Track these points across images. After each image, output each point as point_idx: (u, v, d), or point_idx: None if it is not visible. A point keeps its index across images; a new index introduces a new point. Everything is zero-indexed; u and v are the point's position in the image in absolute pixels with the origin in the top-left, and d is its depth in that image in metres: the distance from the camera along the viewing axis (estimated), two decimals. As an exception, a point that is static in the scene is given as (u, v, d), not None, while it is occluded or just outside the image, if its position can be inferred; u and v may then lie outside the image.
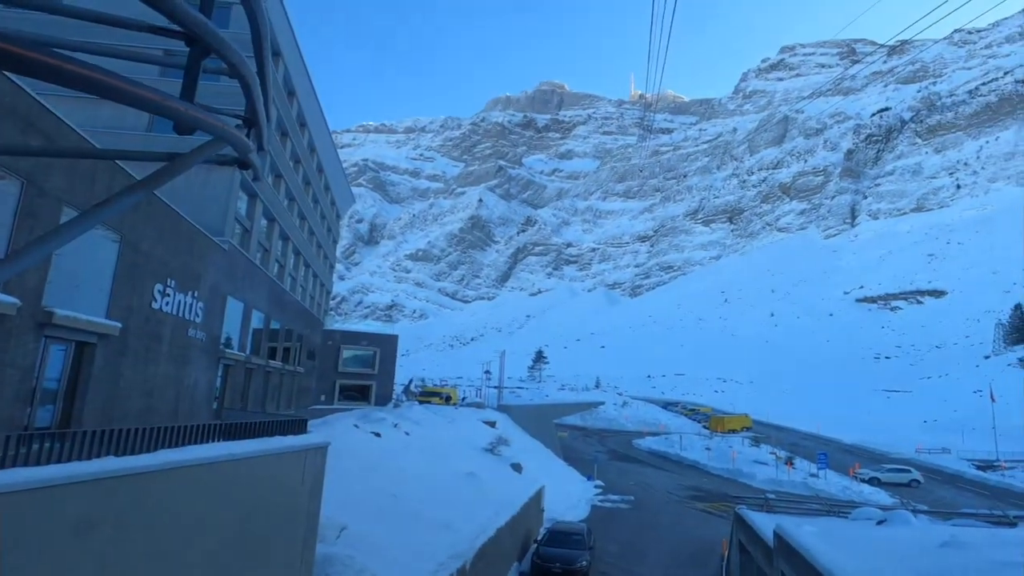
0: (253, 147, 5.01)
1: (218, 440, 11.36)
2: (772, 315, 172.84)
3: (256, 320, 30.89)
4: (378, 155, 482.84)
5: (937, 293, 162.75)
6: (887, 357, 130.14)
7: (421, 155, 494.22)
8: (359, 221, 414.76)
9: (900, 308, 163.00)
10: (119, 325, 15.78)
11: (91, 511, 7.50)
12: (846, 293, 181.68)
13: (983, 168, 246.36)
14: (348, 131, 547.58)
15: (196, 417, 20.99)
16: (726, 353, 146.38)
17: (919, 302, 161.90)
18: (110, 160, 14.34)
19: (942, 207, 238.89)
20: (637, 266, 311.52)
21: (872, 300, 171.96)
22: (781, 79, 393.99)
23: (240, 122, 5.06)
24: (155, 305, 17.95)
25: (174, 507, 9.11)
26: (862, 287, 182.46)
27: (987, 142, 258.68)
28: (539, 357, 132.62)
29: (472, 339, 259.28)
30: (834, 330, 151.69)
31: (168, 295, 18.66)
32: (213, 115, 3.99)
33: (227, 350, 25.41)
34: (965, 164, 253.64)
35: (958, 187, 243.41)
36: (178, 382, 20.01)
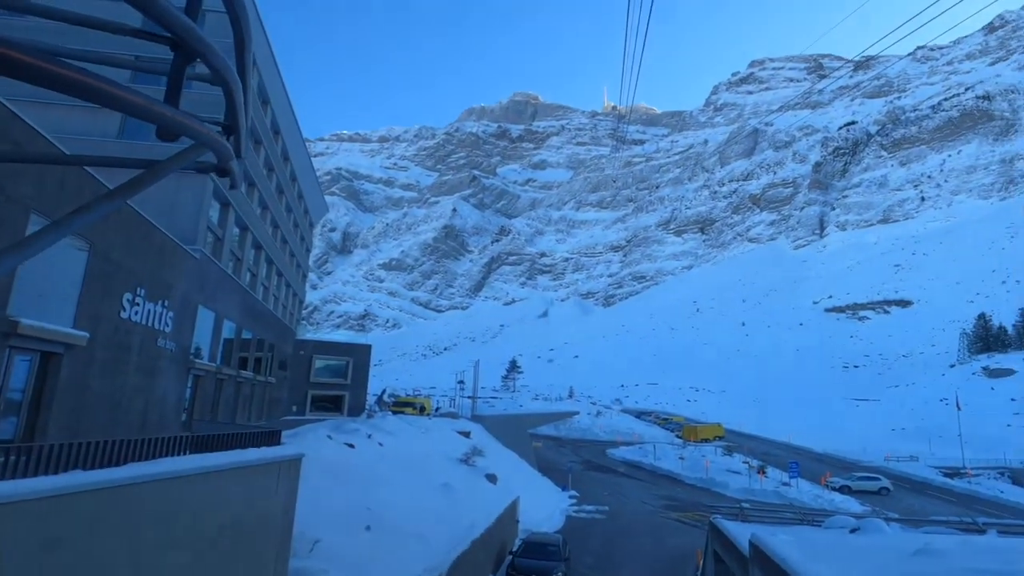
0: (234, 154, 4.99)
1: (189, 453, 11.15)
2: (743, 324, 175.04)
3: (227, 330, 30.42)
4: (352, 164, 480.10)
5: (903, 303, 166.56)
6: (855, 366, 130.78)
7: (395, 164, 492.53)
8: (332, 230, 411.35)
9: (868, 318, 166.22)
10: (86, 335, 15.42)
11: (59, 526, 7.30)
12: (815, 303, 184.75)
13: (946, 181, 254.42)
14: (322, 139, 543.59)
15: (165, 429, 20.56)
16: (698, 362, 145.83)
17: (886, 311, 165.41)
18: (80, 166, 14.06)
19: (907, 219, 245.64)
20: (610, 276, 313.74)
21: (841, 310, 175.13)
22: (751, 92, 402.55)
23: (220, 129, 5.03)
24: (124, 315, 17.60)
25: (144, 521, 8.90)
26: (831, 297, 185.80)
27: (950, 155, 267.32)
28: (513, 367, 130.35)
29: (445, 348, 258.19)
30: (804, 339, 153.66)
31: (138, 304, 18.31)
32: (197, 121, 3.98)
33: (197, 360, 24.96)
34: (929, 177, 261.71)
35: (923, 199, 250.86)
36: (147, 393, 19.60)
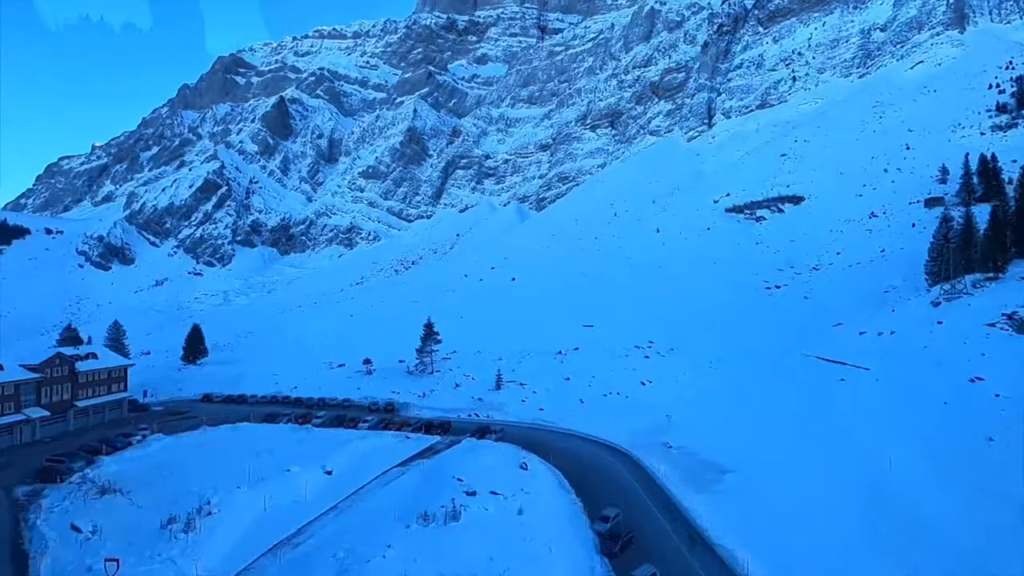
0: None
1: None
2: (658, 231, 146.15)
3: None
4: (332, 63, 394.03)
5: (795, 199, 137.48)
6: (777, 287, 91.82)
7: (367, 63, 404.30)
8: (319, 136, 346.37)
9: (764, 218, 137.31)
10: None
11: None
12: (716, 202, 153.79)
13: (814, 58, 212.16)
14: (307, 37, 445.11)
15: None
16: (628, 286, 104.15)
17: (780, 210, 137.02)
18: None
19: (782, 102, 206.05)
20: (541, 177, 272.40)
21: (740, 210, 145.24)
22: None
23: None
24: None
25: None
26: (728, 195, 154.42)
27: (816, 29, 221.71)
28: (429, 333, 66.56)
29: (413, 263, 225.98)
30: (715, 248, 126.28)
31: None
32: None
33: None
34: (799, 54, 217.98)
35: (794, 79, 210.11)
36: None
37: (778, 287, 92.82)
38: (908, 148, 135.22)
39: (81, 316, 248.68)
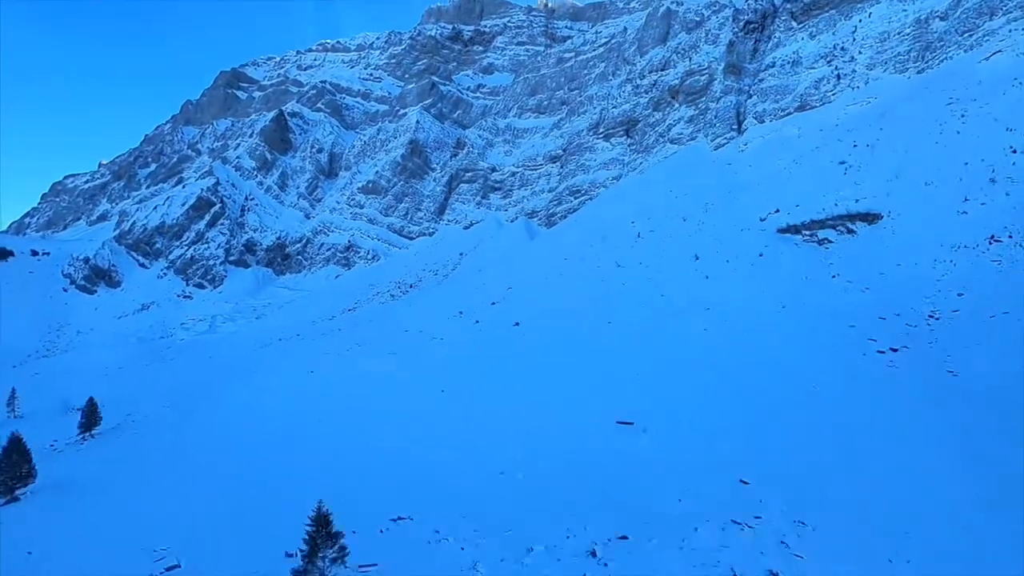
0: None
1: None
2: (697, 258, 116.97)
3: None
4: (335, 76, 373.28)
5: (869, 217, 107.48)
6: (894, 349, 57.40)
7: (371, 75, 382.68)
8: (319, 151, 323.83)
9: (830, 241, 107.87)
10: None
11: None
12: (762, 220, 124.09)
13: (860, 53, 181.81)
14: (311, 51, 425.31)
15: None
16: (671, 341, 69.64)
17: (850, 231, 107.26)
18: None
19: (825, 103, 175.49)
20: (550, 191, 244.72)
21: (796, 230, 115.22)
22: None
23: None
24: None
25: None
26: (777, 211, 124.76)
27: (860, 21, 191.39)
28: (321, 536, 42.56)
29: (411, 286, 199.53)
30: (777, 282, 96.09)
31: None
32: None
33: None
34: (842, 49, 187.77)
35: (838, 78, 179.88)
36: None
37: (894, 350, 62.03)
38: (1014, 151, 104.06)
39: (59, 344, 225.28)
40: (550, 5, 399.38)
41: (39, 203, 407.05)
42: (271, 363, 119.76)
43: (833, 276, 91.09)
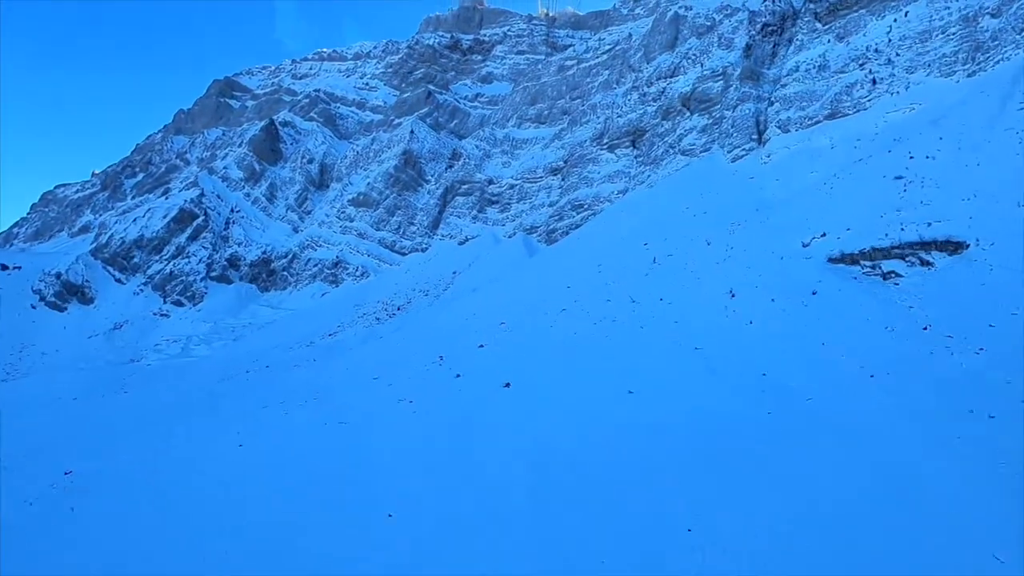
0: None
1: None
2: (732, 295, 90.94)
3: None
4: (329, 85, 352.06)
5: (950, 246, 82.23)
6: None
7: (366, 84, 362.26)
8: (310, 161, 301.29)
9: (899, 275, 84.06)
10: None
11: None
12: (805, 246, 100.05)
13: (897, 55, 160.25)
14: (306, 59, 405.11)
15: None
16: (714, 422, 51.88)
17: (926, 263, 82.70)
18: None
19: (859, 110, 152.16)
20: (551, 204, 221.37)
21: (852, 260, 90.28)
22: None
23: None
24: None
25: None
26: (824, 235, 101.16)
27: (896, 20, 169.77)
28: None
29: (398, 308, 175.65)
30: (843, 334, 71.13)
31: None
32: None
33: None
34: (876, 51, 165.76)
35: (874, 82, 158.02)
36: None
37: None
38: None
39: (20, 368, 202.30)
40: (551, 14, 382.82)
41: (28, 213, 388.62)
42: (217, 412, 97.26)
43: (925, 328, 67.52)
